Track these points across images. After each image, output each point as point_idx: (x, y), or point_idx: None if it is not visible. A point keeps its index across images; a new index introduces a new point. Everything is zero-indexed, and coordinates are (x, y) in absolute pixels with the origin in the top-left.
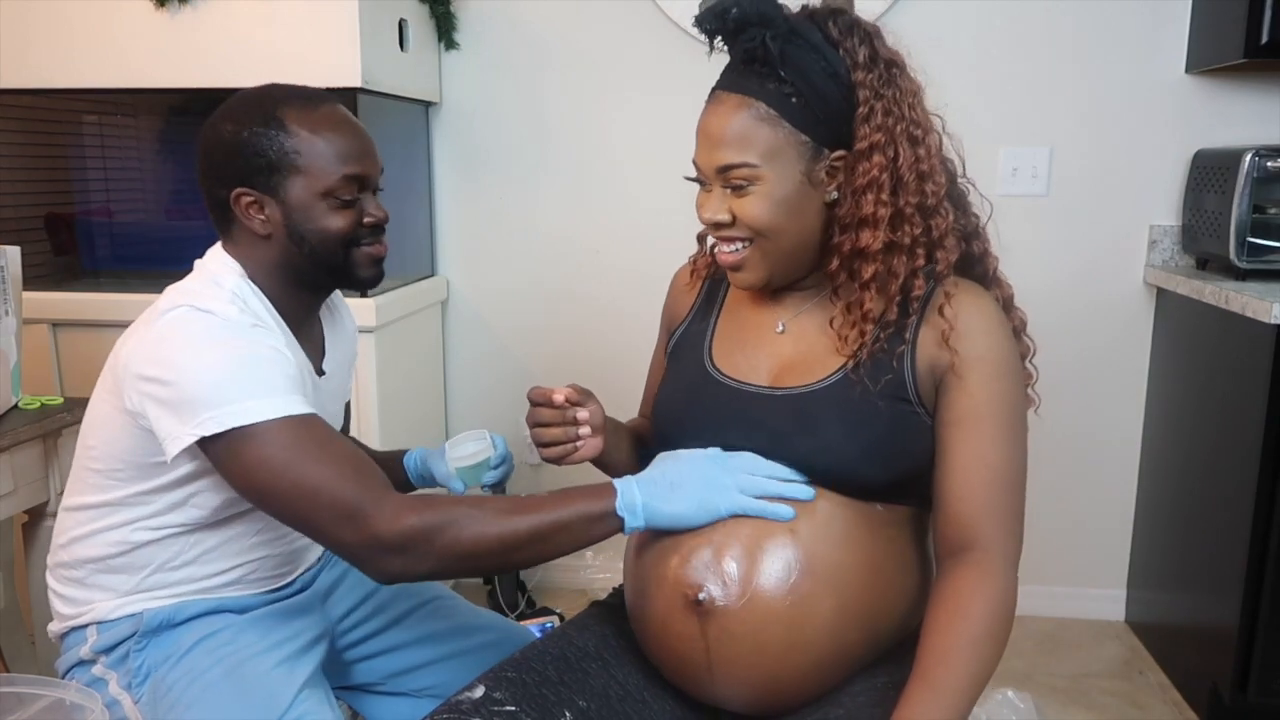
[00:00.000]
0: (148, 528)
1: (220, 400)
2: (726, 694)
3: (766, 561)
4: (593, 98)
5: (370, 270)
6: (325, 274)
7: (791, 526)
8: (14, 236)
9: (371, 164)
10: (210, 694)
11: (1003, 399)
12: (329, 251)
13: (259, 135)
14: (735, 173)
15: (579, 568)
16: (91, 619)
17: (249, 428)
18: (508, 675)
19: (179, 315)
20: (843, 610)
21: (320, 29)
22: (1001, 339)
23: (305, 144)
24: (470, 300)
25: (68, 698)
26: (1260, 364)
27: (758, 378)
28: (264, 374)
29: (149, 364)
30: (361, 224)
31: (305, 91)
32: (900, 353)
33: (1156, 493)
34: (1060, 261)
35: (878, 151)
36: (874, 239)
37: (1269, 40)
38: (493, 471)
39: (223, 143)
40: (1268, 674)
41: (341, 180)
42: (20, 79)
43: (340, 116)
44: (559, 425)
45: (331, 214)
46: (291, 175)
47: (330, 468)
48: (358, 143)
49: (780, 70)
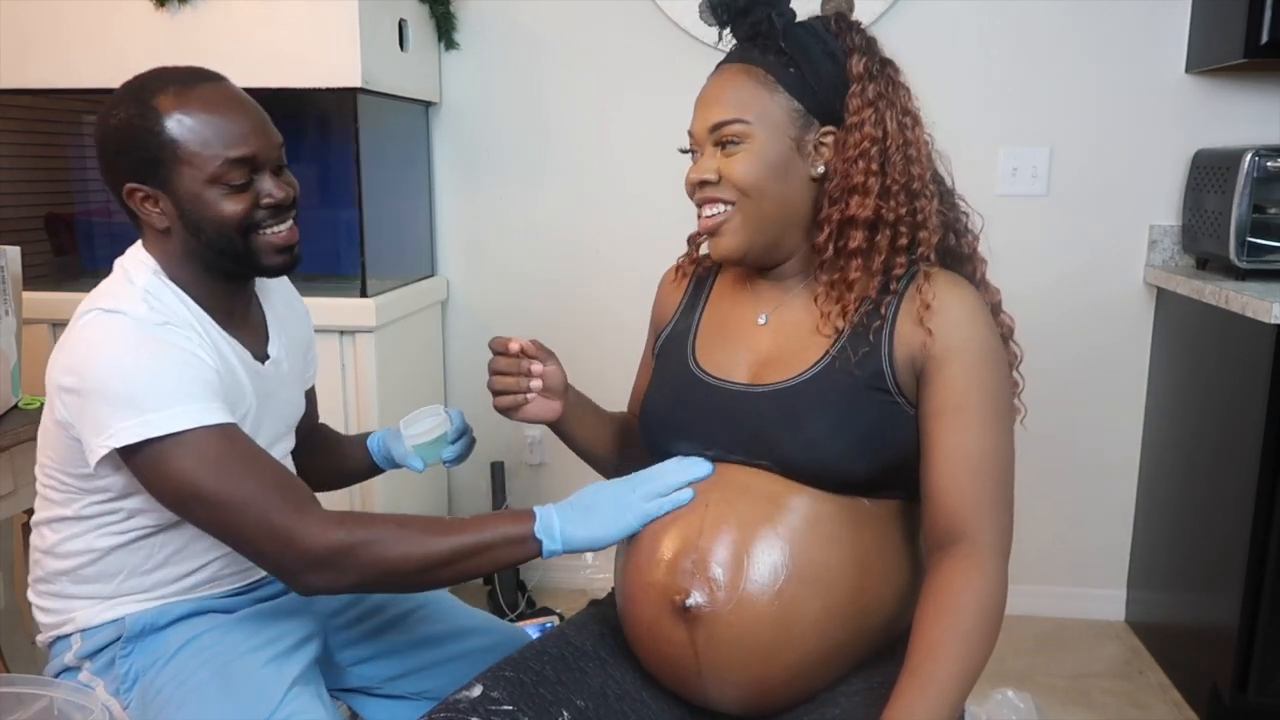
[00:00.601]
0: (110, 533)
1: (131, 410)
2: (717, 696)
3: (753, 565)
4: (593, 98)
5: (276, 258)
6: (231, 263)
7: (777, 529)
8: (14, 236)
9: (261, 142)
10: (199, 695)
11: (984, 388)
12: (227, 240)
13: (137, 127)
14: (727, 129)
15: (579, 568)
16: (74, 627)
17: (165, 439)
18: (505, 674)
19: (89, 320)
20: (830, 610)
21: (320, 29)
22: (981, 327)
23: (183, 131)
24: (470, 300)
25: (67, 698)
26: (1260, 364)
27: (738, 374)
28: (175, 380)
29: (65, 372)
30: (259, 207)
31: (182, 74)
32: (877, 329)
33: (1156, 493)
34: (1060, 261)
35: (869, 125)
36: (863, 206)
37: (1269, 40)
38: (451, 446)
39: (107, 137)
40: (1268, 674)
41: (226, 165)
42: (20, 79)
43: (219, 95)
44: (513, 375)
45: (223, 200)
46: (175, 165)
47: (251, 481)
48: (242, 121)
49: (781, 42)
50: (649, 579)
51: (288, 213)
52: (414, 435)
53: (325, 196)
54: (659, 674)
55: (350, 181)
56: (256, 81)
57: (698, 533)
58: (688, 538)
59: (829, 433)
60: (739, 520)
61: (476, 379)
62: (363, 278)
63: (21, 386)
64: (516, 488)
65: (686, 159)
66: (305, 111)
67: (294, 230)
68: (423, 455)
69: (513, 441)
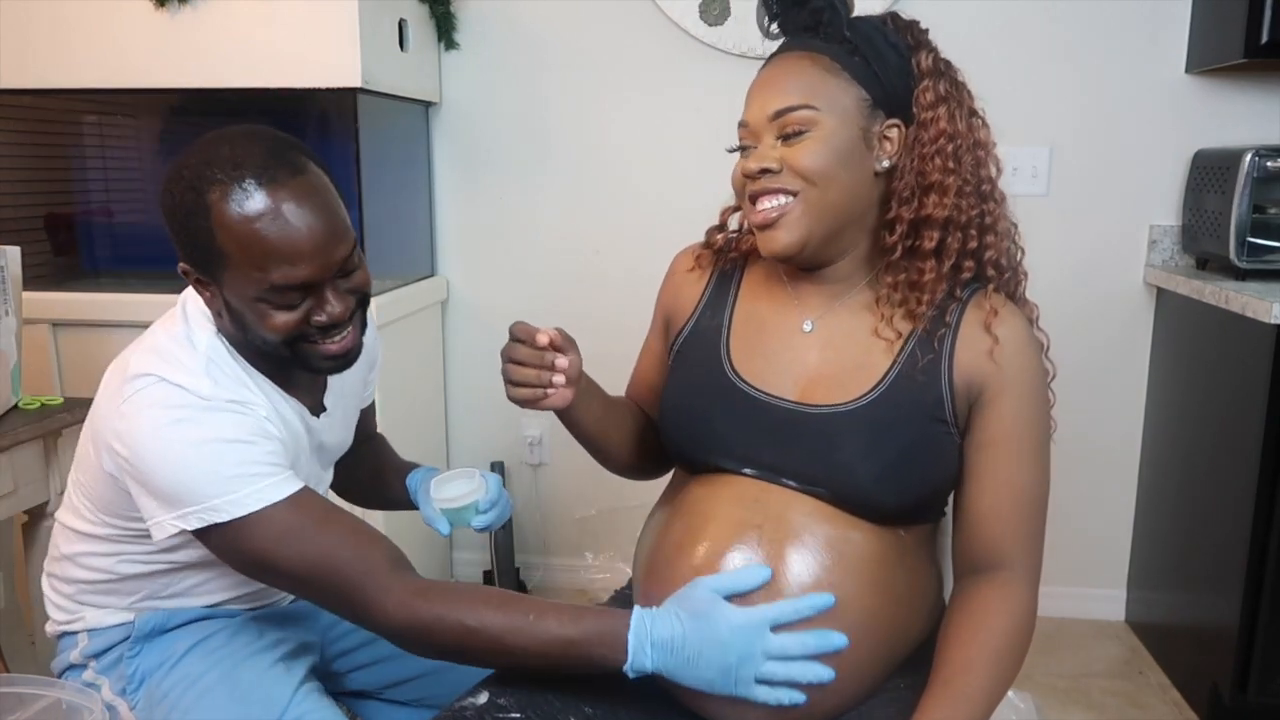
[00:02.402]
0: (135, 562)
1: (195, 498)
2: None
3: None
4: (593, 98)
5: (324, 364)
6: (279, 361)
7: (821, 571)
8: (14, 236)
9: (318, 264)
10: (208, 698)
11: (1034, 421)
12: (272, 346)
13: (189, 219)
14: (794, 115)
15: (579, 568)
16: (83, 626)
17: (236, 521)
18: (512, 680)
19: (148, 389)
20: (860, 650)
21: (320, 29)
22: (1036, 360)
23: (231, 241)
24: (470, 300)
25: (68, 698)
26: (1260, 364)
27: (785, 390)
28: (240, 462)
29: (117, 438)
30: (310, 323)
31: (242, 161)
32: (941, 338)
33: (1156, 493)
34: (1060, 261)
35: (943, 121)
36: (940, 206)
37: (1269, 40)
38: (481, 516)
39: (166, 212)
40: (1268, 674)
41: (272, 290)
42: (20, 79)
43: (276, 206)
44: (534, 367)
45: (270, 314)
46: (222, 269)
47: (328, 550)
48: (298, 241)
49: (845, 31)
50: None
51: (346, 325)
52: (445, 499)
53: None
54: (675, 691)
55: (350, 181)
56: (256, 81)
57: (736, 564)
58: (724, 565)
59: (877, 463)
60: (778, 556)
61: (476, 379)
62: None
63: (22, 387)
64: (516, 488)
65: (687, 157)
66: (305, 111)
67: (351, 336)
68: (450, 519)
69: (513, 441)
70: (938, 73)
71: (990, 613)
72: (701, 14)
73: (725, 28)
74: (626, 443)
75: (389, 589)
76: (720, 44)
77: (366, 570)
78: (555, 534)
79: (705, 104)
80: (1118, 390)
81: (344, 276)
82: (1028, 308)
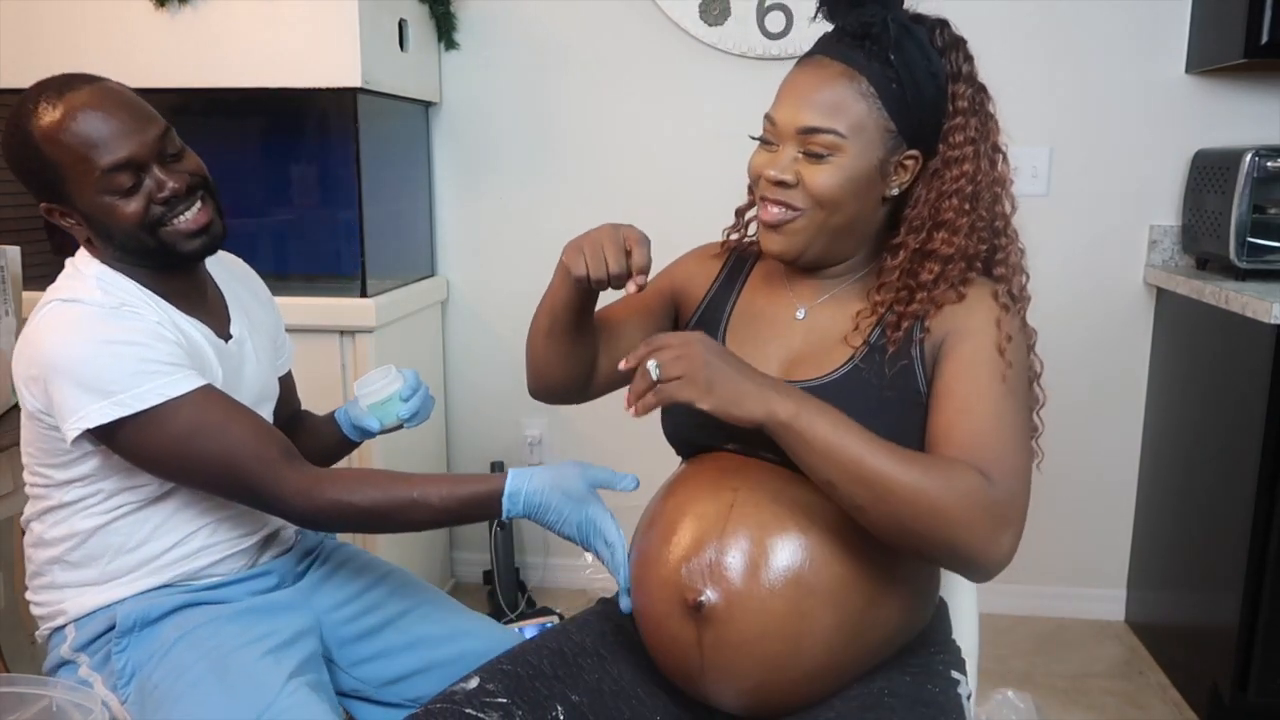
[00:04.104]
0: (93, 514)
1: (99, 393)
2: (716, 695)
3: (770, 572)
4: (593, 98)
5: (191, 243)
6: (154, 257)
7: (799, 538)
8: (14, 236)
9: (133, 141)
10: (197, 689)
11: (996, 358)
12: (136, 240)
13: (25, 155)
14: (819, 138)
15: (579, 568)
16: (66, 618)
17: (139, 416)
18: (503, 668)
19: (47, 311)
20: (841, 625)
21: (320, 29)
22: (1001, 313)
23: (56, 152)
24: (470, 300)
25: (67, 698)
26: (1260, 364)
27: (769, 368)
28: (139, 358)
29: (28, 364)
30: (155, 203)
31: (47, 89)
32: (905, 338)
33: (1156, 493)
34: (1060, 261)
35: (967, 162)
36: (948, 244)
37: (1269, 40)
38: (405, 404)
39: (10, 166)
40: (1268, 674)
41: (104, 175)
42: (20, 79)
43: (81, 105)
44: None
45: (118, 205)
46: (64, 185)
47: (226, 444)
48: (107, 126)
49: (890, 54)
50: (663, 572)
51: (190, 199)
52: (366, 395)
53: (325, 196)
54: (662, 664)
55: (350, 181)
56: (256, 81)
57: (719, 532)
58: (707, 535)
59: None
60: (761, 524)
61: (476, 379)
62: (363, 278)
63: None
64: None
65: (687, 157)
66: (305, 111)
67: (203, 212)
68: (377, 415)
69: (513, 441)
70: (972, 110)
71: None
72: (701, 14)
73: (725, 28)
74: (584, 353)
75: (286, 479)
76: (720, 44)
77: (265, 464)
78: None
79: (705, 104)
80: (1117, 390)
81: (175, 160)
82: (1027, 331)
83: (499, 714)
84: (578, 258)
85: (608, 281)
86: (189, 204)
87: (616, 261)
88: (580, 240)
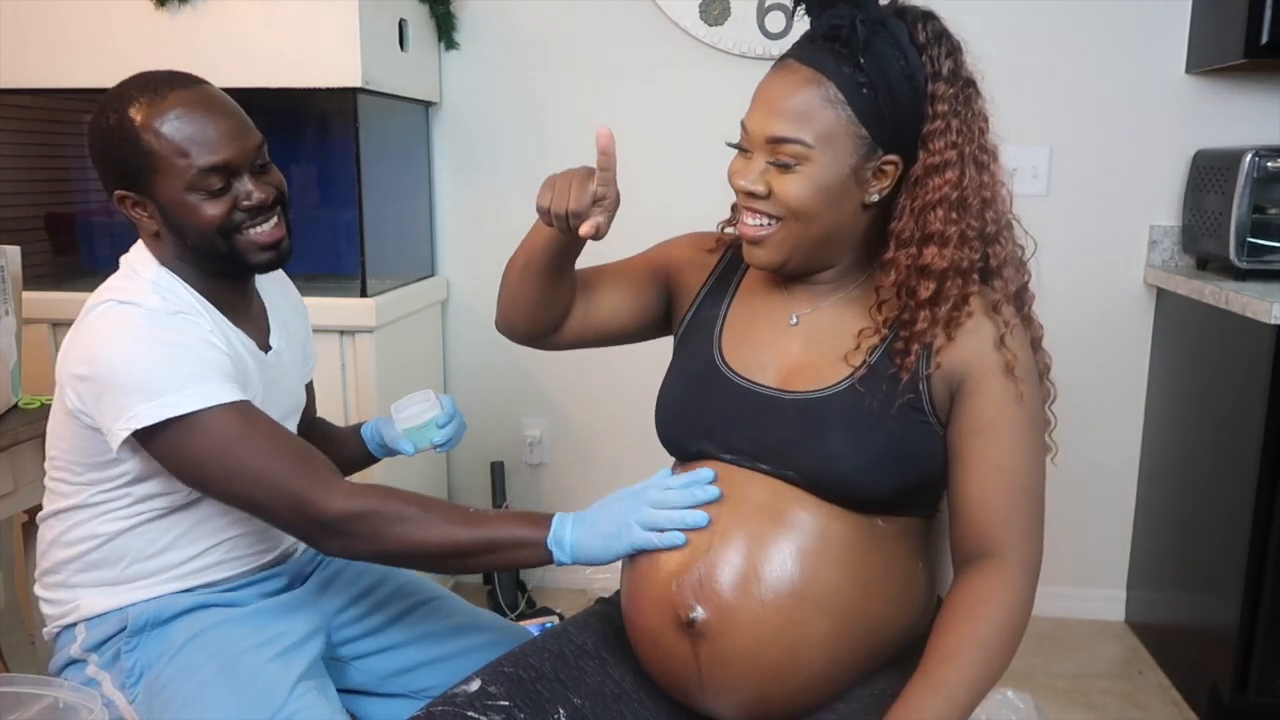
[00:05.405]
0: (117, 518)
1: (148, 394)
2: (717, 708)
3: (761, 585)
4: (593, 98)
5: (261, 255)
6: (219, 262)
7: (788, 548)
8: (14, 236)
9: (235, 147)
10: (206, 691)
11: (1021, 406)
12: (210, 242)
13: (116, 140)
14: (785, 148)
15: (579, 568)
16: (78, 616)
17: (184, 419)
18: (504, 670)
19: (102, 310)
20: (838, 632)
21: (320, 29)
22: (1018, 345)
23: (157, 142)
24: (470, 300)
25: (67, 697)
26: (1260, 364)
27: (766, 377)
28: (192, 363)
29: (79, 362)
30: (238, 209)
31: (157, 81)
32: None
33: (1156, 493)
34: (1060, 261)
35: (950, 169)
36: (940, 257)
37: (1269, 40)
38: (440, 431)
39: (93, 146)
40: (1268, 674)
41: (200, 173)
42: (20, 79)
43: (192, 103)
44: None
45: (203, 205)
46: (154, 175)
47: (270, 453)
48: (215, 128)
49: (860, 57)
50: (654, 590)
51: (270, 212)
52: (404, 419)
53: (325, 196)
54: (659, 681)
55: (350, 181)
56: (256, 81)
57: (706, 546)
58: (695, 551)
59: (855, 447)
60: (749, 537)
61: (476, 379)
62: (363, 278)
63: (22, 386)
64: (516, 488)
65: (684, 158)
66: (305, 111)
67: (279, 227)
68: (413, 439)
69: (513, 441)
70: (954, 110)
71: (978, 602)
72: (701, 14)
73: (725, 28)
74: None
75: (330, 486)
76: (720, 44)
77: (309, 470)
78: None
79: (705, 104)
80: (1118, 390)
81: (262, 173)
82: (1032, 327)
83: (501, 716)
84: (546, 191)
85: (566, 218)
86: (268, 217)
87: (576, 199)
88: (555, 175)
